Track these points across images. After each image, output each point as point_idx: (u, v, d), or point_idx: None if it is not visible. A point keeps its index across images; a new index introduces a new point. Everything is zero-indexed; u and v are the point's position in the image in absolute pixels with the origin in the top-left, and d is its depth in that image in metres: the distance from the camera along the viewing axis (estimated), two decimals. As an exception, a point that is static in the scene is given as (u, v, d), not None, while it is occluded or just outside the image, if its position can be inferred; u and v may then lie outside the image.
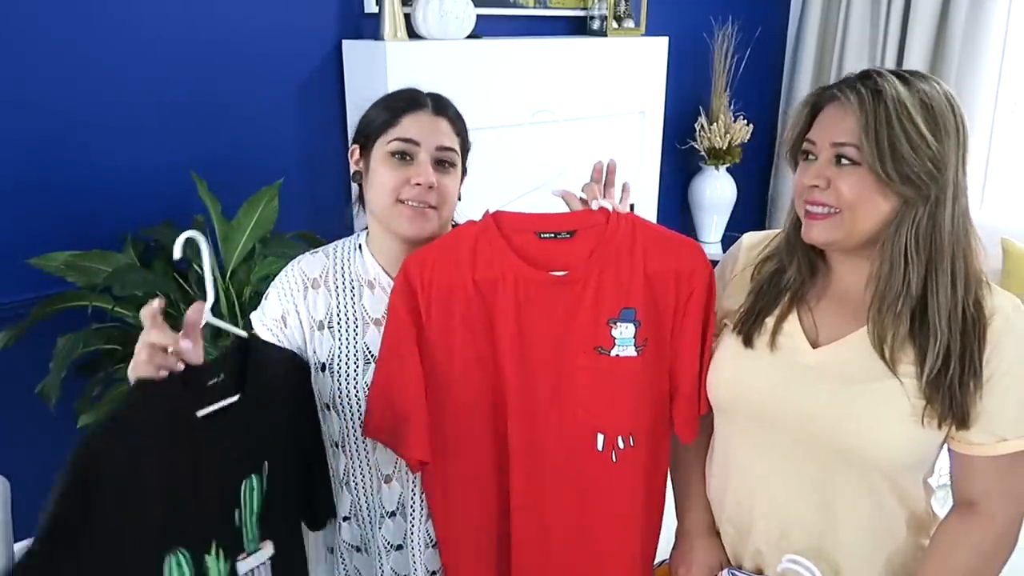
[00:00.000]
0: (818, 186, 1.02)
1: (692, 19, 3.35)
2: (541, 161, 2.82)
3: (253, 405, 1.03)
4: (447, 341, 1.10)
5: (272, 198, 2.07)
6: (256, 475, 1.04)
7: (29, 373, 1.89)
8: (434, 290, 1.09)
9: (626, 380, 1.11)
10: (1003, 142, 3.30)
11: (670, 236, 1.14)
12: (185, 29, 2.16)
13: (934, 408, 1.00)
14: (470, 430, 1.13)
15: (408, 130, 1.14)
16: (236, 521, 1.01)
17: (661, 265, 1.10)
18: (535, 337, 1.10)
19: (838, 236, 1.03)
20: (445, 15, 2.39)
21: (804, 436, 1.07)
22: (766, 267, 1.15)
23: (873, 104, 0.98)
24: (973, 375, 0.99)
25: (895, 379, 1.01)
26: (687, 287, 1.11)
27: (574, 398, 1.11)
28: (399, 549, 1.25)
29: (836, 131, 1.01)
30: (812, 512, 1.09)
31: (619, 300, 1.09)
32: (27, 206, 2.02)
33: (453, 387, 1.11)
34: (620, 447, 1.12)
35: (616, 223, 1.11)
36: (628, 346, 1.10)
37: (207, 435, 0.97)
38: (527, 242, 1.11)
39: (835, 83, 1.06)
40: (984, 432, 1.01)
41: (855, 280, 1.08)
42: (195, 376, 0.96)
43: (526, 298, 1.09)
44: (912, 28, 3.28)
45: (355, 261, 1.23)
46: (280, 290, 1.23)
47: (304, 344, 1.21)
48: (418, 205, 1.14)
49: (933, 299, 1.00)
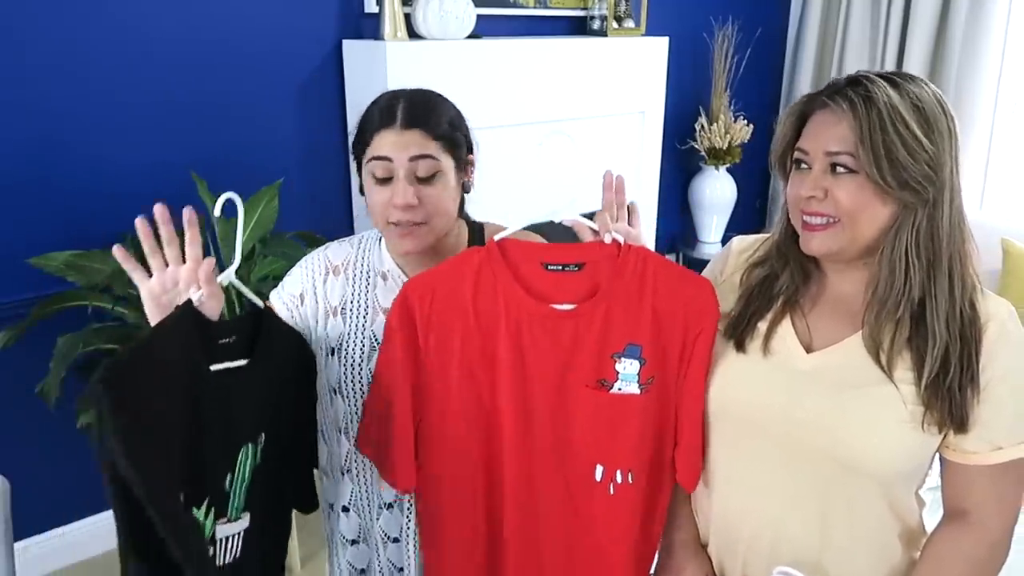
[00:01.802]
0: (815, 197, 1.00)
1: (692, 19, 3.35)
2: (541, 161, 2.81)
3: (258, 375, 1.06)
4: (445, 369, 1.08)
5: (272, 198, 2.07)
6: (252, 444, 1.06)
7: (29, 373, 1.89)
8: (434, 318, 1.07)
9: (628, 416, 1.08)
10: (1003, 142, 3.30)
11: (682, 273, 1.11)
12: (185, 29, 2.17)
13: (933, 413, 0.99)
14: (464, 457, 1.10)
15: (379, 148, 1.13)
16: (227, 485, 1.03)
17: (671, 303, 1.07)
18: (535, 370, 1.07)
19: (839, 246, 1.02)
20: (445, 15, 2.39)
21: (797, 445, 1.04)
22: (756, 272, 1.13)
23: (866, 110, 0.97)
24: (971, 377, 0.98)
25: (891, 384, 1.00)
26: (696, 327, 1.07)
27: (574, 430, 1.09)
28: (396, 542, 1.27)
29: (829, 139, 1.00)
30: (806, 525, 1.06)
31: (625, 336, 1.07)
32: (27, 206, 2.02)
33: (449, 414, 1.09)
34: (618, 481, 1.10)
35: (627, 257, 1.08)
36: (631, 382, 1.07)
37: (216, 391, 0.99)
38: (533, 273, 1.08)
39: (823, 90, 1.04)
40: (979, 440, 1.00)
41: (849, 285, 1.08)
42: (210, 329, 0.99)
43: (528, 331, 1.07)
44: (912, 28, 3.28)
45: (374, 252, 1.26)
46: (304, 270, 1.26)
47: (314, 326, 1.24)
48: (405, 226, 1.14)
49: (932, 302, 0.99)
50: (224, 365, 1.01)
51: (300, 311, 1.24)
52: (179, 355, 0.96)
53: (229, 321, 1.05)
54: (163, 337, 0.96)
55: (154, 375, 0.92)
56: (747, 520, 1.11)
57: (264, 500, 1.10)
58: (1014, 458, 1.00)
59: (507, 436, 1.08)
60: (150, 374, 0.92)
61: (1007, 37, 3.20)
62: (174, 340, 0.96)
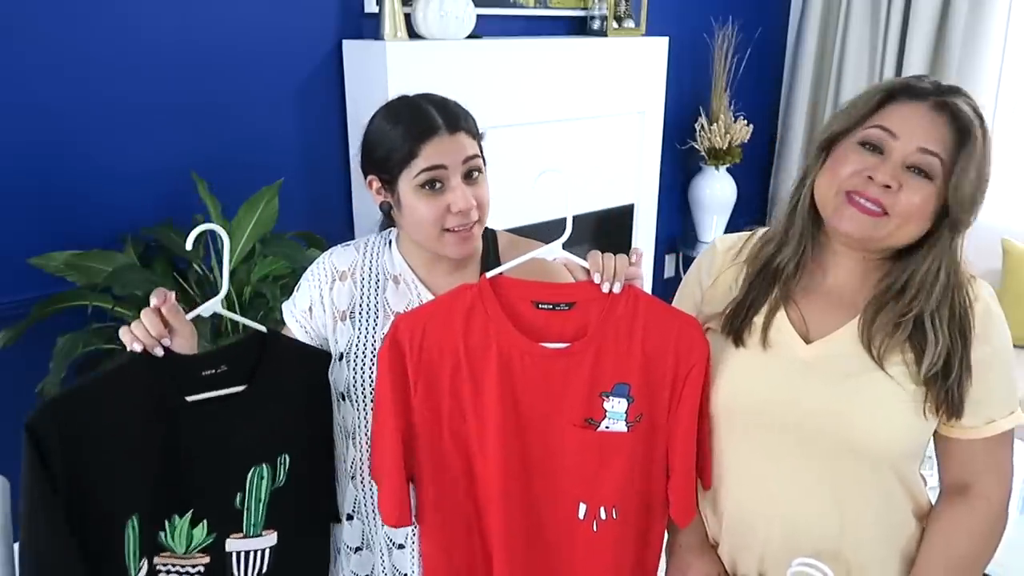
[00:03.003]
0: (891, 187, 0.98)
1: (692, 19, 3.35)
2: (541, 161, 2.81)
3: (263, 398, 1.08)
4: (436, 406, 1.08)
5: (272, 198, 2.07)
6: (268, 465, 1.09)
7: (29, 373, 1.89)
8: (424, 354, 1.07)
9: (613, 454, 1.09)
10: (1003, 142, 3.30)
11: (671, 312, 1.12)
12: (185, 29, 2.16)
13: (931, 401, 1.02)
14: (452, 492, 1.11)
15: (432, 158, 1.11)
16: (237, 503, 1.08)
17: (661, 342, 1.08)
18: (524, 407, 1.07)
19: (875, 236, 1.01)
20: (445, 15, 2.39)
21: (808, 433, 1.06)
22: (762, 252, 1.14)
23: (980, 128, 0.98)
24: (968, 371, 1.02)
25: (891, 369, 1.03)
26: (686, 364, 1.08)
27: (559, 468, 1.10)
28: (400, 548, 1.26)
29: (927, 136, 0.97)
30: (822, 513, 1.08)
31: (615, 375, 1.07)
32: (27, 206, 2.02)
33: (439, 450, 1.09)
34: (602, 518, 1.10)
35: (617, 296, 1.08)
36: (619, 420, 1.08)
37: (198, 419, 1.04)
38: (524, 311, 1.09)
39: (919, 82, 1.02)
40: (975, 416, 1.04)
41: (845, 274, 1.09)
42: (186, 365, 1.03)
43: (518, 369, 1.07)
44: (912, 28, 3.28)
45: (384, 256, 1.25)
46: (309, 282, 1.25)
47: (329, 335, 1.23)
48: (463, 229, 1.13)
49: (938, 311, 1.02)
50: (209, 394, 1.05)
51: (311, 324, 1.24)
52: (132, 397, 1.00)
53: (215, 351, 1.07)
54: (110, 383, 1.00)
55: (93, 417, 0.97)
56: (761, 514, 1.12)
57: (295, 518, 1.13)
58: (1007, 428, 1.05)
59: (493, 474, 1.08)
60: (89, 416, 0.97)
61: (1007, 37, 3.21)
62: (124, 384, 1.00)
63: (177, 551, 1.06)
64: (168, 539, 1.06)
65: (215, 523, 1.07)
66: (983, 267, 1.09)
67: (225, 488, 1.07)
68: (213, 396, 1.05)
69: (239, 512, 1.08)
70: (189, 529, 1.06)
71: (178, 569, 1.07)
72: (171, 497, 1.04)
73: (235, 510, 1.08)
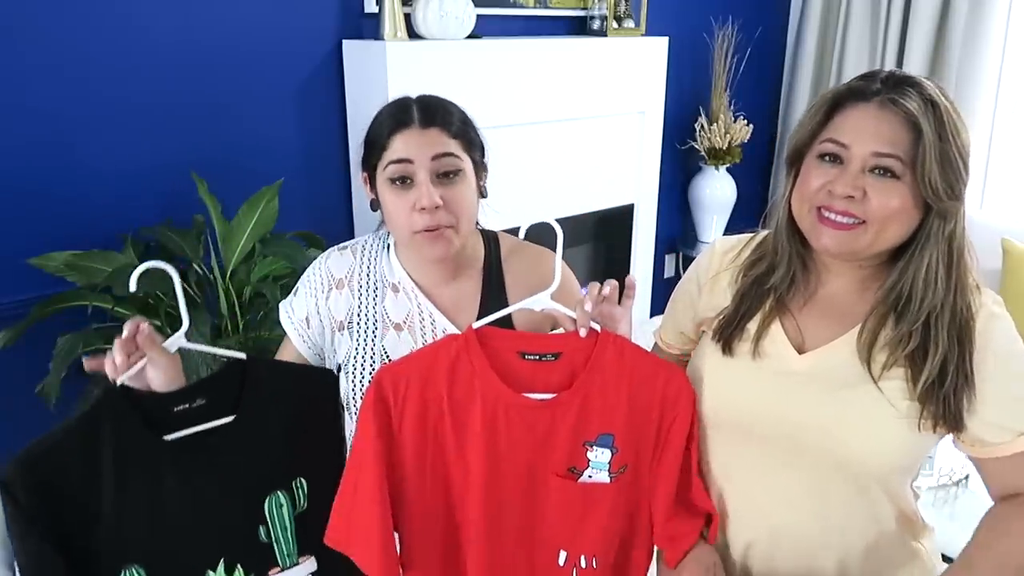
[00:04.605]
0: (853, 197, 0.96)
1: (692, 19, 3.35)
2: (541, 161, 2.81)
3: (257, 425, 1.05)
4: (419, 458, 1.07)
5: (272, 198, 2.07)
6: (284, 492, 1.06)
7: (29, 373, 1.89)
8: (407, 406, 1.06)
9: (595, 505, 1.08)
10: (1003, 142, 3.30)
11: (656, 362, 1.10)
12: (185, 29, 2.16)
13: (927, 414, 0.99)
14: (429, 543, 1.09)
15: (399, 151, 1.10)
16: (262, 536, 1.05)
17: (646, 391, 1.08)
18: (507, 459, 1.07)
19: (857, 247, 0.98)
20: (445, 15, 2.39)
21: (795, 445, 1.04)
22: (753, 270, 1.11)
23: (933, 116, 0.93)
24: (965, 379, 0.98)
25: (885, 384, 1.00)
26: (671, 413, 1.08)
27: (541, 517, 1.09)
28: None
29: (878, 140, 0.95)
30: (805, 522, 1.06)
31: (600, 425, 1.07)
32: (27, 206, 2.02)
33: (420, 501, 1.08)
34: (582, 566, 1.10)
35: (604, 346, 1.07)
36: (601, 470, 1.07)
37: (186, 459, 1.00)
38: (509, 362, 1.07)
39: (866, 83, 0.99)
40: (1001, 431, 1.00)
41: (842, 284, 1.07)
42: (156, 403, 0.99)
43: (503, 420, 1.06)
44: (912, 28, 3.28)
45: (381, 262, 1.22)
46: (306, 290, 1.23)
47: (326, 346, 1.22)
48: (433, 231, 1.10)
49: (939, 313, 0.98)
50: (191, 431, 1.00)
51: (310, 334, 1.23)
52: (103, 444, 0.96)
53: (189, 386, 1.02)
54: (79, 432, 0.96)
55: (62, 471, 0.94)
56: (745, 523, 1.10)
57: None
58: None
59: (474, 525, 1.07)
60: (58, 470, 0.94)
61: (1007, 37, 3.21)
62: (93, 431, 0.96)
63: None
64: None
65: (249, 565, 1.05)
66: (983, 267, 1.07)
67: (245, 524, 1.04)
68: (197, 432, 1.01)
69: (268, 546, 1.06)
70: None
71: None
72: (188, 546, 1.01)
73: (263, 544, 1.05)
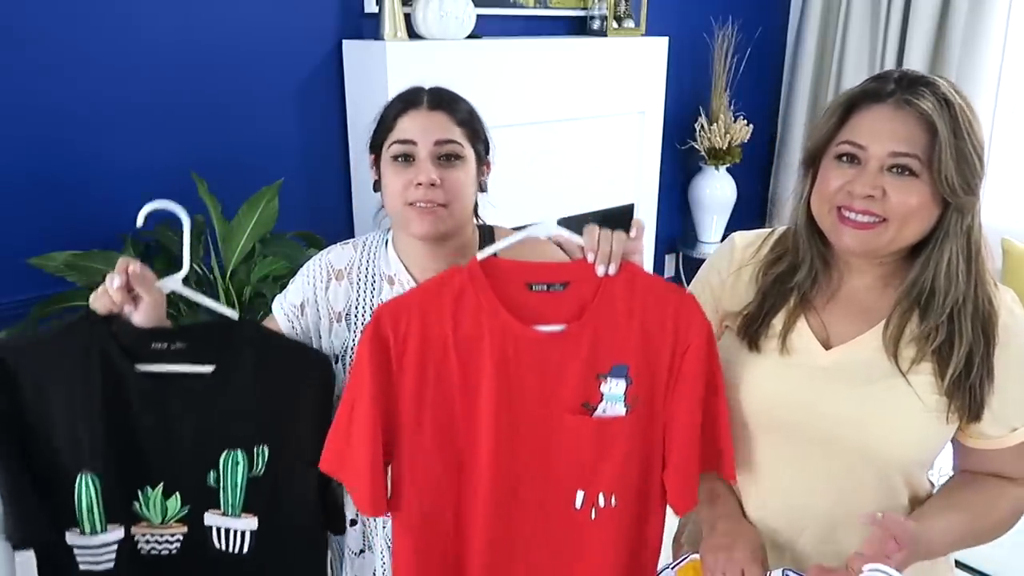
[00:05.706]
0: (873, 196, 0.98)
1: (692, 19, 3.35)
2: (541, 161, 2.80)
3: (238, 384, 1.09)
4: (420, 396, 1.03)
5: (272, 198, 2.06)
6: (243, 451, 1.10)
7: (29, 373, 1.89)
8: (410, 343, 1.01)
9: (613, 440, 1.04)
10: (1003, 142, 3.30)
11: (669, 288, 1.07)
12: (185, 29, 2.16)
13: (953, 406, 1.01)
14: (435, 484, 1.05)
15: (405, 131, 1.14)
16: (211, 481, 1.10)
17: (659, 319, 1.04)
18: (518, 397, 1.02)
19: (878, 245, 1.01)
20: (445, 15, 2.39)
21: (825, 437, 1.06)
22: (774, 268, 1.12)
23: (948, 114, 0.95)
24: (988, 372, 1.01)
25: (913, 378, 1.02)
26: (684, 341, 1.04)
27: (555, 458, 1.05)
28: None
29: (894, 139, 0.97)
30: (826, 507, 1.08)
31: (613, 356, 1.03)
32: (27, 206, 2.02)
33: (422, 442, 1.03)
34: (600, 505, 1.06)
35: (613, 274, 1.04)
36: (617, 402, 1.03)
37: (156, 392, 1.07)
38: (516, 294, 1.04)
39: (881, 84, 1.01)
40: (999, 425, 1.03)
41: (863, 281, 1.08)
42: (138, 337, 1.06)
43: (512, 355, 1.02)
44: (912, 28, 3.27)
45: (380, 256, 1.24)
46: (305, 278, 1.25)
47: (318, 336, 1.22)
48: (425, 205, 1.12)
49: (963, 305, 1.01)
50: (164, 367, 1.07)
51: (301, 322, 1.23)
52: (77, 353, 1.04)
53: (174, 328, 1.10)
54: (57, 335, 1.06)
55: (35, 363, 1.04)
56: (772, 509, 1.11)
57: (276, 511, 1.12)
58: None
59: (483, 467, 1.03)
60: (31, 361, 1.03)
61: (1007, 37, 3.20)
62: (70, 339, 1.05)
63: (153, 521, 1.10)
64: (143, 509, 1.09)
65: (188, 497, 1.10)
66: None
67: (196, 465, 1.09)
68: (171, 371, 1.07)
69: (214, 490, 1.10)
70: (163, 500, 1.09)
71: (156, 538, 1.11)
72: (136, 467, 1.07)
73: (209, 487, 1.10)
